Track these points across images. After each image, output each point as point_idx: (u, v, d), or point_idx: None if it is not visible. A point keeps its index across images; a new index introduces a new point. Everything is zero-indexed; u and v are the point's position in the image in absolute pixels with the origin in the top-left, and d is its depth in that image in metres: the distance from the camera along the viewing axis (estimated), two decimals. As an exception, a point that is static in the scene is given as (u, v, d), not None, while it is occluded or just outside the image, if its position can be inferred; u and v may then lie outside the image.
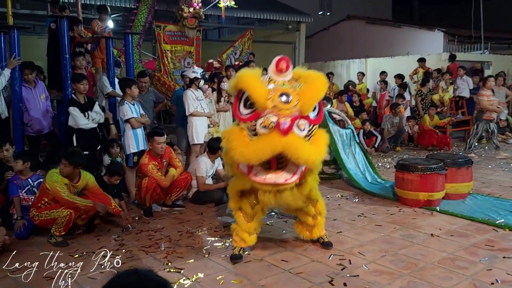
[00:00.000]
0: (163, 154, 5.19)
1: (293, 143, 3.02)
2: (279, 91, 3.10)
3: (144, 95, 6.26)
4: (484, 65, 12.84)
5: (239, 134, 3.24)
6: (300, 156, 3.04)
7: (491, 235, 4.23)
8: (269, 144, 3.03)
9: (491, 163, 7.74)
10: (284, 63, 3.18)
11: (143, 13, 9.95)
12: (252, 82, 3.14)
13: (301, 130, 3.13)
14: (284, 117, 3.04)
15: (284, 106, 3.06)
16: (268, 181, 3.23)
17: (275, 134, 3.03)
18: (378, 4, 21.87)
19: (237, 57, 11.32)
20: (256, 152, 3.06)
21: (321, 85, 3.21)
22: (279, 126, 3.00)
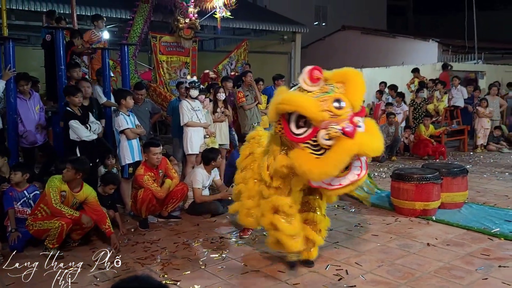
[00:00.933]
0: (159, 165, 5.18)
1: (365, 141, 3.02)
2: (331, 100, 3.07)
3: (140, 106, 6.27)
4: (478, 75, 12.95)
5: (304, 155, 3.14)
6: (374, 148, 3.06)
7: (486, 244, 4.24)
8: (344, 151, 2.99)
9: (486, 172, 7.77)
10: (317, 72, 3.17)
11: (139, 24, 10.00)
12: (300, 101, 3.06)
13: (359, 127, 3.11)
14: (344, 121, 3.05)
15: (341, 111, 3.06)
16: (345, 183, 3.18)
17: (345, 140, 3.00)
18: (373, 14, 22.08)
19: (233, 68, 11.37)
20: (335, 164, 3.01)
21: (361, 79, 3.24)
22: (345, 131, 3.00)
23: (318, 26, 20.49)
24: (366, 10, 21.53)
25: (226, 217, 5.37)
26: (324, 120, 3.02)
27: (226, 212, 5.50)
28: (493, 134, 10.37)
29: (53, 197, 4.16)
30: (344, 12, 20.52)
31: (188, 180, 5.61)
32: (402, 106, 10.15)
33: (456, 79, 10.91)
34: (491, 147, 10.17)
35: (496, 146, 10.19)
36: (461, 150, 10.35)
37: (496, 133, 10.40)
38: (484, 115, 10.09)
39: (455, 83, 10.83)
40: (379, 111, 10.62)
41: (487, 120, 10.15)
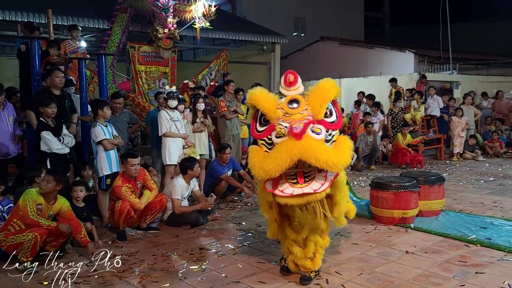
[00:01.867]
0: (137, 176, 5.11)
1: (309, 145, 2.96)
2: (288, 98, 3.18)
3: (117, 116, 6.20)
4: (453, 85, 13.25)
5: (258, 151, 3.25)
6: (319, 156, 2.92)
7: (463, 251, 4.30)
8: (285, 150, 2.97)
9: (462, 180, 7.92)
10: (291, 75, 3.23)
11: (117, 34, 9.91)
12: (262, 96, 3.22)
13: (317, 134, 3.08)
14: (297, 122, 3.04)
15: (294, 111, 3.09)
16: (297, 193, 3.11)
17: (290, 140, 3.00)
18: (351, 26, 22.42)
19: (212, 78, 11.35)
20: (274, 161, 2.98)
21: (327, 86, 3.21)
22: (292, 130, 2.99)
23: (297, 36, 20.69)
24: (344, 22, 21.85)
25: (205, 228, 5.32)
26: (278, 118, 3.12)
27: (206, 223, 5.48)
28: (468, 142, 10.60)
29: (30, 209, 4.05)
30: (322, 23, 20.78)
31: (167, 191, 5.55)
32: (378, 116, 10.30)
33: (432, 89, 11.14)
34: (466, 156, 10.38)
35: (471, 155, 10.40)
36: (438, 158, 10.54)
37: (471, 142, 10.63)
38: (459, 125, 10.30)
39: (431, 93, 11.05)
40: (357, 120, 10.76)
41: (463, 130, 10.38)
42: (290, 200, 3.16)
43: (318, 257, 3.64)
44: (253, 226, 5.33)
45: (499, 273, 3.75)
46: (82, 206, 4.94)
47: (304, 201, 3.15)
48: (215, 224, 5.49)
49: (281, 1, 19.91)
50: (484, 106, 12.28)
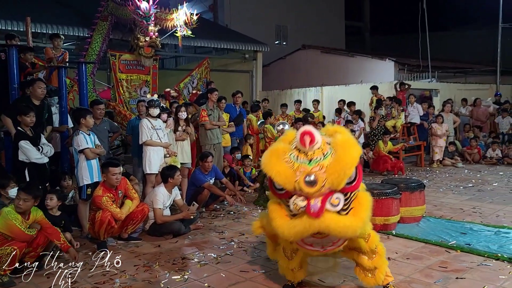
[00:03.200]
0: (118, 185, 5.05)
1: (329, 224, 2.91)
2: (304, 173, 2.93)
3: (98, 125, 6.12)
4: (433, 93, 13.49)
5: (279, 210, 3.15)
6: (338, 233, 2.94)
7: (444, 257, 4.35)
8: (305, 226, 2.95)
9: (442, 186, 8.03)
10: (308, 138, 2.97)
11: (97, 42, 9.81)
12: (275, 167, 3.01)
13: (334, 206, 2.97)
14: (315, 198, 2.93)
15: (311, 189, 2.91)
16: (315, 248, 3.16)
17: (307, 218, 2.94)
18: (332, 34, 22.71)
19: (194, 86, 11.32)
20: (296, 234, 3.00)
21: (352, 157, 2.96)
22: (309, 210, 2.91)
23: (279, 45, 20.84)
24: (325, 30, 22.11)
25: (188, 237, 5.28)
26: (294, 190, 2.98)
27: (188, 232, 5.43)
28: (447, 149, 10.78)
29: (21, 226, 3.97)
30: (304, 31, 20.99)
31: (149, 200, 5.49)
32: (359, 123, 10.42)
33: (412, 97, 11.32)
34: (446, 162, 10.55)
35: (451, 161, 10.58)
36: (419, 165, 10.69)
37: (451, 149, 10.82)
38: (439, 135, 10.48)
39: (411, 100, 11.22)
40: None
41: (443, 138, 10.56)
42: (310, 251, 3.22)
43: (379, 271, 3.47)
44: (236, 235, 5.31)
45: (478, 278, 3.81)
46: (57, 215, 4.86)
47: (322, 254, 3.25)
48: (197, 233, 5.45)
49: (263, 9, 20.06)
50: (463, 113, 12.53)
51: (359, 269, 3.53)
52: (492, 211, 6.13)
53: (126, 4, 9.29)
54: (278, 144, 3.19)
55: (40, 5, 11.39)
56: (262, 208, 6.65)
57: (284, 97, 14.71)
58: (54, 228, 4.31)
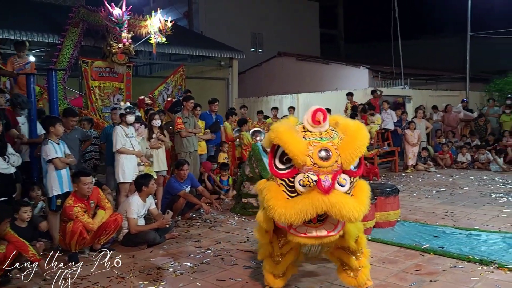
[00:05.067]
0: (90, 195, 4.94)
1: (337, 203, 2.84)
2: (318, 147, 2.92)
3: (69, 133, 5.98)
4: (405, 99, 13.75)
5: (277, 191, 3.05)
6: (345, 214, 2.86)
7: (418, 260, 4.40)
8: (311, 204, 2.86)
9: (415, 191, 8.16)
10: (321, 114, 3.01)
11: (69, 49, 9.61)
12: (289, 137, 2.95)
13: (342, 186, 2.95)
14: (325, 174, 2.88)
15: (324, 163, 2.88)
16: (309, 235, 3.06)
17: (317, 193, 2.86)
18: (307, 42, 22.98)
19: (169, 93, 11.21)
20: (298, 214, 2.88)
21: (363, 139, 3.00)
22: (321, 184, 2.85)
23: (255, 52, 20.93)
24: (300, 38, 22.35)
25: (163, 247, 5.19)
26: (305, 165, 2.92)
27: (164, 242, 5.34)
28: (420, 154, 10.98)
29: None
30: (279, 39, 21.16)
31: (122, 210, 5.38)
32: (335, 130, 10.45)
33: (386, 103, 11.51)
34: (419, 167, 10.74)
35: (424, 166, 10.77)
36: (393, 170, 10.85)
37: (424, 154, 11.02)
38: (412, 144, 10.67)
39: (385, 107, 11.41)
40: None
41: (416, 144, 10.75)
42: (304, 239, 3.11)
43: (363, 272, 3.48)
44: (212, 243, 5.25)
45: (451, 280, 3.86)
46: (24, 226, 4.72)
47: (318, 242, 3.13)
48: (173, 243, 5.37)
49: (238, 17, 20.14)
50: (434, 119, 12.81)
51: (343, 269, 3.53)
52: (464, 214, 6.25)
53: (98, 11, 9.16)
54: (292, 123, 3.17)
55: (8, 11, 11.10)
56: (239, 216, 6.61)
57: (260, 104, 14.74)
58: (21, 241, 4.16)
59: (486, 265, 4.14)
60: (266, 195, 3.06)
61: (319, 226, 3.03)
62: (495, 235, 5.06)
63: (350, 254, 3.45)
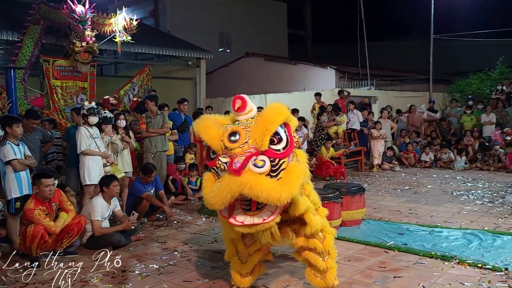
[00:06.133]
0: (52, 198, 4.79)
1: (247, 182, 2.83)
2: (229, 131, 3.03)
3: (29, 134, 5.77)
4: (371, 100, 14.01)
5: (211, 180, 3.11)
6: (258, 193, 2.81)
7: (383, 257, 4.48)
8: (225, 186, 2.89)
9: (381, 189, 8.32)
10: (239, 101, 3.12)
11: (29, 47, 9.26)
12: (203, 128, 3.11)
13: (259, 167, 2.92)
14: (238, 156, 2.92)
15: (233, 145, 2.97)
16: (247, 223, 3.04)
17: (230, 176, 2.90)
18: (275, 42, 23.07)
19: (135, 93, 11.01)
20: (216, 196, 2.91)
21: (270, 114, 2.99)
22: (230, 167, 2.90)
23: (223, 52, 20.86)
24: (268, 38, 22.42)
25: (129, 249, 5.08)
26: (222, 149, 3.03)
27: (129, 244, 5.23)
28: (386, 154, 11.21)
29: None
30: (247, 39, 21.15)
31: (86, 212, 5.24)
32: (302, 130, 10.59)
33: (351, 104, 11.69)
34: (385, 166, 10.96)
35: (389, 165, 11.00)
36: (359, 170, 11.04)
37: (389, 153, 11.26)
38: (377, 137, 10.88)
39: (351, 107, 11.59)
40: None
41: (381, 143, 10.96)
42: (242, 228, 3.10)
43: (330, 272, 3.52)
44: (179, 245, 5.19)
45: (415, 276, 3.95)
46: None
47: (253, 231, 3.12)
48: (139, 245, 5.27)
49: (206, 17, 20.00)
50: (400, 119, 13.09)
51: (311, 270, 3.56)
52: (427, 211, 6.41)
53: (59, 8, 8.88)
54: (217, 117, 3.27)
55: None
56: (206, 216, 6.56)
57: (228, 104, 14.52)
58: None
59: (447, 260, 4.26)
60: (203, 186, 3.16)
61: (257, 213, 3.05)
62: (456, 232, 5.22)
63: (317, 255, 3.48)
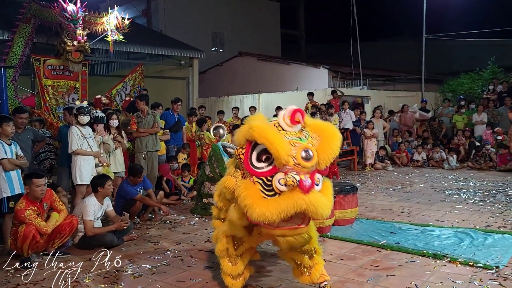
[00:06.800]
0: (43, 198, 4.75)
1: (315, 202, 2.89)
2: (301, 148, 2.96)
3: (20, 133, 5.72)
4: (364, 100, 14.07)
5: (253, 190, 3.00)
6: (320, 212, 2.91)
7: (375, 256, 4.50)
8: (292, 203, 2.87)
9: (373, 189, 8.36)
10: (300, 115, 3.04)
11: (19, 46, 9.15)
12: (275, 136, 2.94)
13: (317, 185, 3.01)
14: (304, 174, 2.92)
15: (307, 163, 2.94)
16: (283, 227, 3.04)
17: (297, 192, 2.88)
18: (268, 42, 23.09)
19: (127, 93, 10.94)
20: (278, 212, 2.88)
21: (338, 140, 3.10)
22: (302, 184, 2.87)
23: (216, 51, 20.83)
24: (261, 38, 22.43)
25: (121, 249, 5.06)
26: (287, 165, 2.93)
27: (122, 244, 5.21)
28: (378, 153, 11.26)
29: None
30: (240, 39, 21.16)
31: (78, 212, 5.21)
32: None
33: (346, 104, 11.74)
34: (377, 166, 11.01)
35: (382, 165, 11.05)
36: (352, 169, 11.08)
37: (381, 153, 11.31)
38: (370, 137, 10.93)
39: (345, 107, 11.63)
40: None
41: (374, 142, 11.01)
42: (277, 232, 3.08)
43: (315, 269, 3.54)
44: (172, 244, 5.18)
45: (407, 274, 3.97)
46: None
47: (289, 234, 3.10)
48: (131, 245, 5.25)
49: (199, 16, 19.97)
50: (392, 119, 13.15)
51: (297, 268, 3.57)
52: (419, 210, 6.45)
53: (50, 6, 8.80)
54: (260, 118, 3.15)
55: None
56: (199, 216, 6.55)
57: (221, 104, 14.69)
58: None
59: (439, 259, 4.29)
60: (243, 193, 3.02)
61: (288, 221, 3.04)
62: (447, 230, 5.26)
63: (303, 253, 3.50)
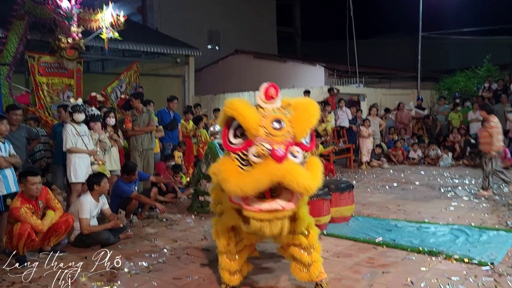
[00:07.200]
0: (38, 196, 4.73)
1: (292, 170, 2.87)
2: (272, 118, 3.02)
3: (14, 131, 5.68)
4: (360, 98, 14.08)
5: (230, 165, 3.04)
6: (300, 181, 2.87)
7: (371, 253, 4.52)
8: (266, 173, 2.86)
9: (369, 186, 8.38)
10: (273, 89, 3.11)
11: (13, 43, 9.08)
12: (243, 109, 3.00)
13: (295, 157, 3.00)
14: (278, 144, 2.93)
15: (277, 132, 2.97)
16: (265, 208, 3.01)
17: (271, 162, 2.88)
18: (264, 40, 23.04)
19: (123, 91, 10.90)
20: (253, 182, 2.87)
21: (314, 111, 3.10)
22: (274, 153, 2.88)
23: (212, 49, 20.78)
24: (257, 36, 22.39)
25: (117, 247, 5.05)
26: (258, 135, 2.98)
27: (118, 242, 5.20)
28: (374, 151, 11.28)
29: None
30: (236, 36, 21.10)
31: (74, 210, 5.19)
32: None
33: (343, 101, 11.75)
34: (373, 164, 11.04)
35: (378, 162, 11.08)
36: (348, 167, 11.10)
37: (377, 151, 11.34)
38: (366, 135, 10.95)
39: (341, 105, 11.65)
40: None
41: (370, 140, 11.04)
42: (258, 214, 3.05)
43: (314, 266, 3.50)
44: (169, 242, 5.17)
45: (403, 271, 3.99)
46: None
47: (272, 217, 3.06)
48: (128, 243, 5.24)
49: (194, 13, 19.88)
50: (388, 117, 13.18)
51: (296, 265, 3.56)
52: (415, 208, 6.48)
53: (44, 3, 8.75)
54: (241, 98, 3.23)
55: None
56: (195, 214, 6.54)
57: (217, 102, 14.65)
58: None
59: (435, 255, 4.31)
60: (220, 169, 3.07)
61: (272, 200, 3.04)
62: (443, 227, 5.28)
63: (303, 250, 3.50)
